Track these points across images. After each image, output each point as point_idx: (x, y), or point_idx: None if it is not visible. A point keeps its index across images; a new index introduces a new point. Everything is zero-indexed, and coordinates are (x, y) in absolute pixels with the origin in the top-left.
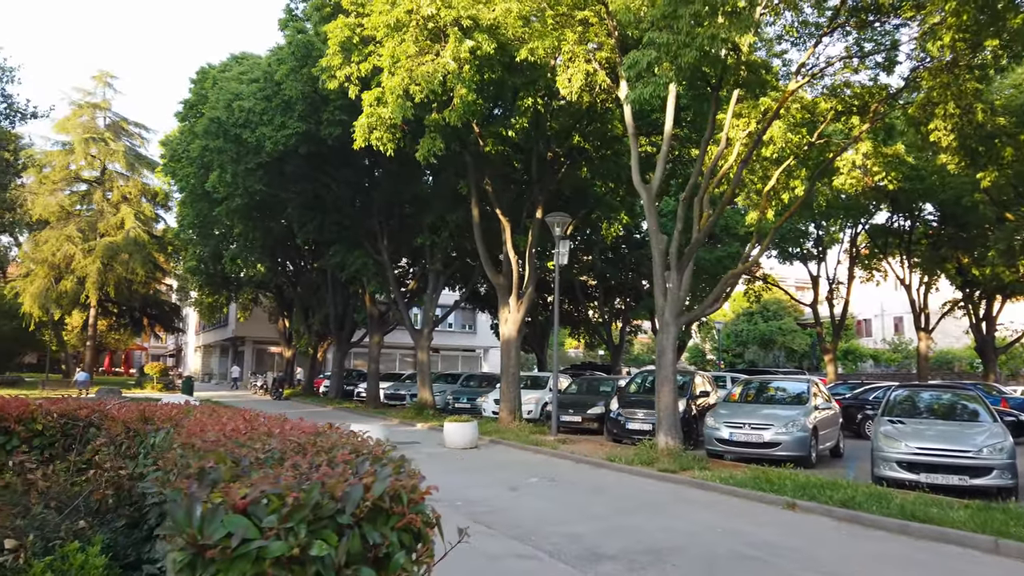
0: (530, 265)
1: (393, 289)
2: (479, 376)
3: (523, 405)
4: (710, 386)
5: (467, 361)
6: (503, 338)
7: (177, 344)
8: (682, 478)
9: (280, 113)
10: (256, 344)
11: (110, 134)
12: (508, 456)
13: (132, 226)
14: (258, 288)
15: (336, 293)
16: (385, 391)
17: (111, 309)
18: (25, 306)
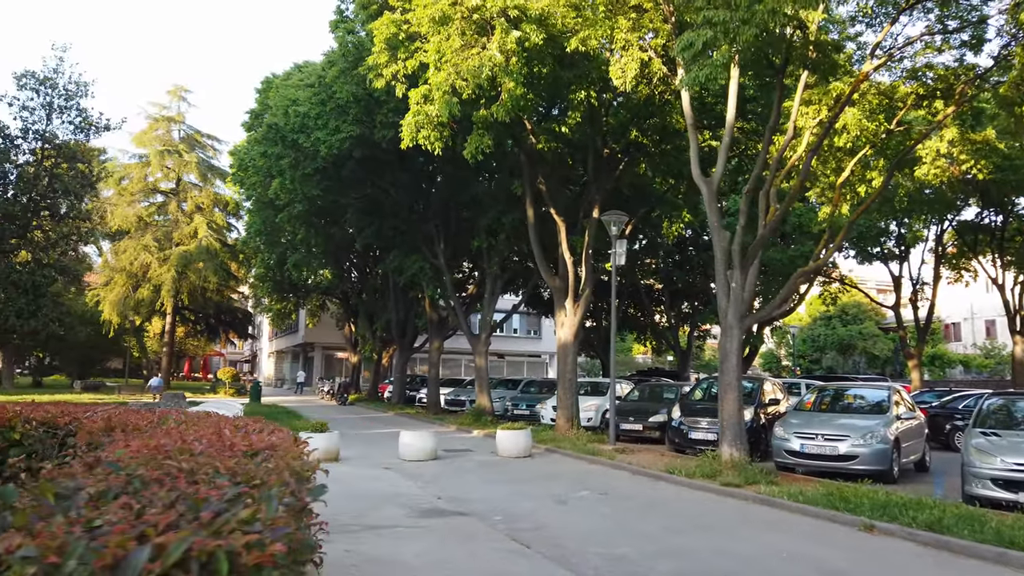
0: (586, 266)
1: (450, 293)
2: (539, 382)
3: (582, 412)
4: (780, 393)
5: (533, 367)
6: (559, 342)
7: (252, 350)
8: (746, 493)
9: (334, 117)
10: (325, 350)
11: (184, 146)
12: (561, 466)
13: (205, 235)
14: (324, 294)
15: (398, 299)
16: (446, 397)
17: (188, 316)
18: (105, 313)
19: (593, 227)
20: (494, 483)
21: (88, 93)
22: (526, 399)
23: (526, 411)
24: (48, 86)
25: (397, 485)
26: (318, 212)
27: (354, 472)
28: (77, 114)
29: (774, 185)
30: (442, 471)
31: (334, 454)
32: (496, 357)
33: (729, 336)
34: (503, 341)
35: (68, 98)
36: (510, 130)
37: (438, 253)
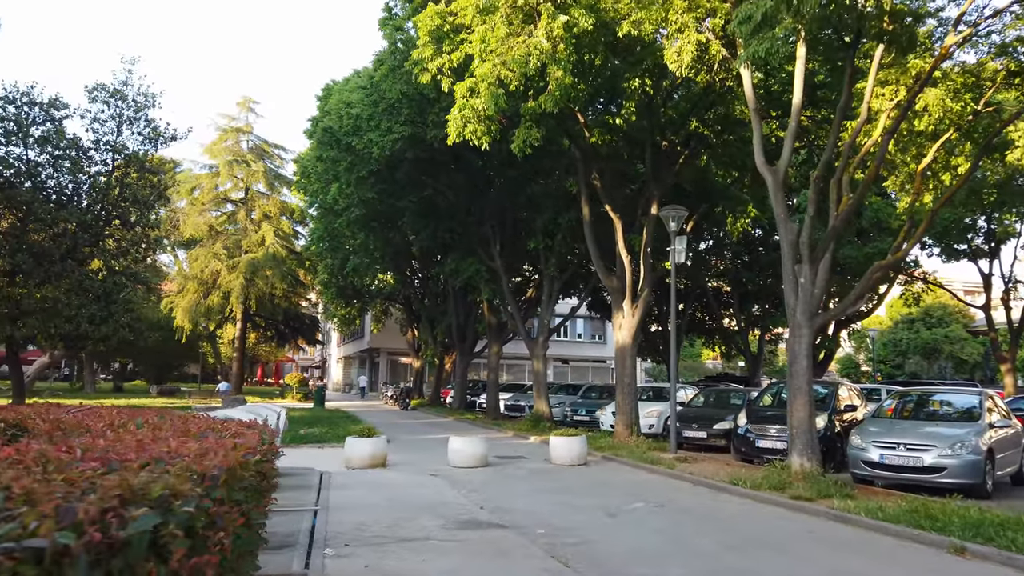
0: (645, 266)
1: (507, 295)
2: (601, 387)
3: (643, 419)
4: (858, 399)
5: (597, 372)
6: (617, 345)
7: (322, 356)
8: (818, 508)
9: (386, 117)
10: (390, 355)
11: (252, 156)
12: (617, 475)
13: (272, 242)
14: (388, 300)
15: (457, 303)
16: (505, 402)
17: (259, 323)
18: (178, 320)
19: (651, 224)
20: (542, 493)
21: (156, 104)
22: (586, 404)
23: (586, 417)
24: (118, 98)
25: (440, 493)
26: (375, 216)
27: (399, 479)
28: (145, 125)
29: (846, 173)
30: (490, 479)
31: (381, 460)
32: (560, 362)
33: (798, 336)
34: (567, 346)
35: (137, 109)
36: (562, 125)
37: (494, 255)
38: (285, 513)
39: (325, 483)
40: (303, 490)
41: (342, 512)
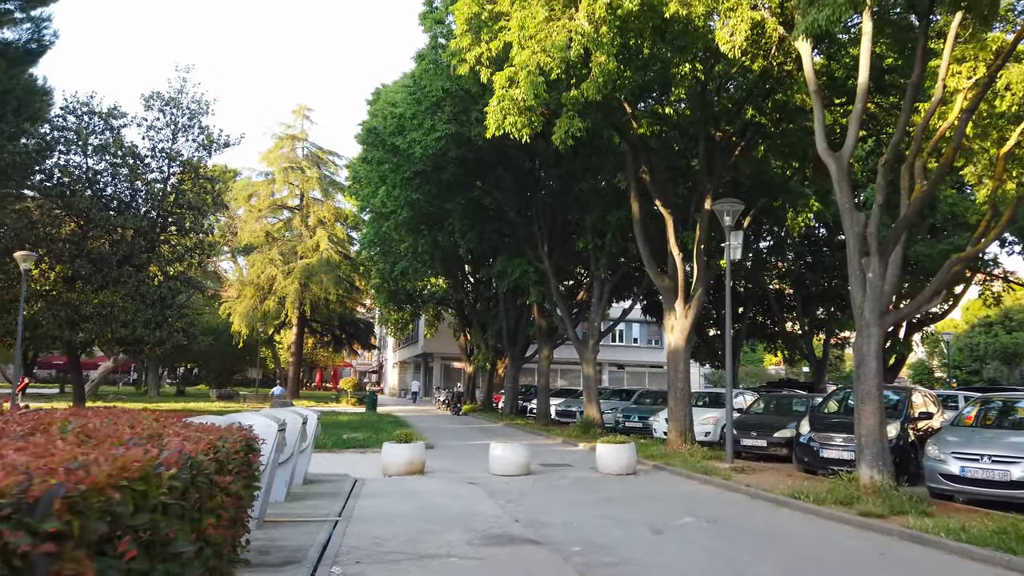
0: (698, 264)
1: (556, 297)
2: (655, 392)
3: (699, 426)
4: (933, 406)
5: (654, 378)
6: (669, 348)
7: (379, 361)
8: (891, 527)
9: (429, 115)
10: (443, 360)
11: (307, 163)
12: (667, 486)
13: (326, 248)
14: (440, 304)
15: (508, 307)
16: (556, 407)
17: (315, 328)
18: (235, 325)
19: (705, 220)
20: (584, 504)
21: (209, 111)
22: (639, 411)
23: (638, 423)
24: (173, 106)
25: (475, 503)
26: (423, 218)
27: (434, 487)
28: (200, 132)
29: (919, 158)
30: (530, 488)
31: (419, 466)
32: (616, 367)
33: (866, 336)
34: (623, 351)
35: (191, 117)
36: (608, 117)
37: (542, 256)
38: (303, 524)
39: (356, 491)
40: (331, 498)
41: (364, 523)
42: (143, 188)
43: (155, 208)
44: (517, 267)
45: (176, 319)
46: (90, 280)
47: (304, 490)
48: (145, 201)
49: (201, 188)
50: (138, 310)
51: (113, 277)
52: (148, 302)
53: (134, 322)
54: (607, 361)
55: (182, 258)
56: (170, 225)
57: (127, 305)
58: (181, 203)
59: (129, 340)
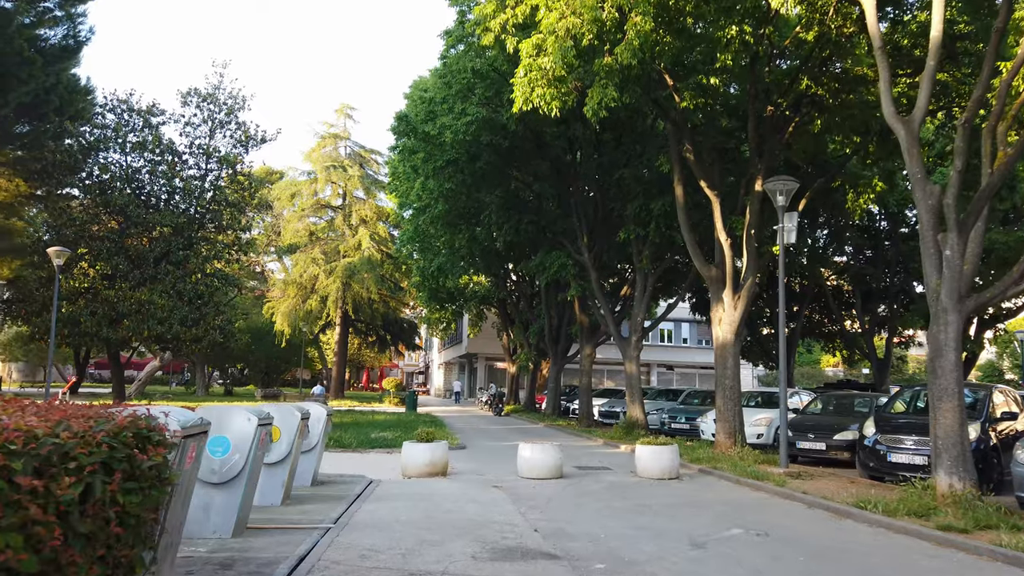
0: (748, 251)
1: (597, 291)
2: (703, 393)
3: (750, 427)
4: (1017, 406)
5: (705, 379)
6: (716, 343)
7: (426, 362)
8: (977, 544)
9: (459, 100)
10: (487, 360)
11: (349, 161)
12: (714, 492)
13: (367, 246)
14: (482, 303)
15: (550, 304)
16: (599, 408)
17: (360, 328)
18: (278, 324)
19: (756, 203)
20: (617, 513)
21: (246, 107)
22: (686, 411)
23: (685, 425)
24: (210, 102)
25: (493, 510)
26: (459, 212)
27: (452, 490)
28: (237, 128)
29: (1002, 121)
30: (559, 494)
31: (441, 468)
32: (665, 368)
33: (943, 324)
34: (672, 352)
35: (228, 112)
36: (647, 91)
37: (581, 248)
38: (290, 532)
39: (366, 494)
40: (335, 502)
41: (358, 532)
42: (180, 185)
43: (193, 205)
44: (555, 260)
45: (213, 317)
46: (128, 277)
47: (310, 492)
48: (183, 198)
49: (238, 184)
50: (175, 307)
51: (150, 274)
52: (185, 299)
53: (170, 319)
54: (656, 362)
55: (220, 255)
56: (208, 222)
57: (164, 302)
58: (219, 200)
59: (166, 337)
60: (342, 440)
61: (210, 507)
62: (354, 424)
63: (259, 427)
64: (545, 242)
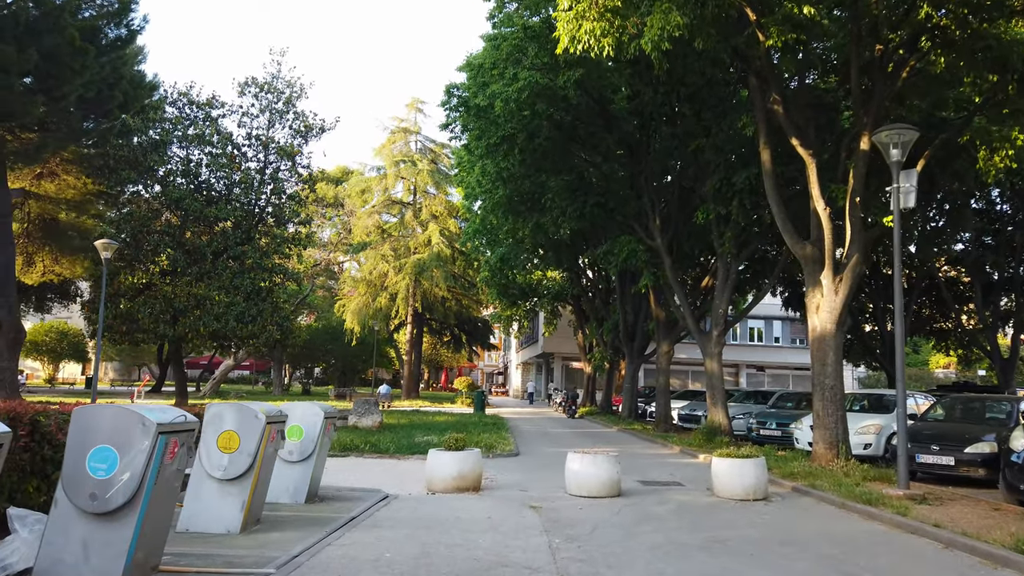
0: (852, 223)
1: (671, 279)
2: (798, 395)
3: (856, 436)
4: None
5: (799, 381)
6: (813, 335)
7: (504, 361)
8: None
9: (511, 63)
10: (564, 360)
11: (419, 156)
12: (813, 522)
13: (437, 242)
14: (555, 300)
15: (624, 298)
16: (679, 411)
17: (433, 326)
18: (348, 322)
19: (860, 165)
20: (682, 552)
21: (304, 95)
22: (778, 416)
23: (776, 431)
24: (267, 91)
25: (514, 544)
26: (520, 197)
27: (475, 513)
28: (295, 117)
29: None
30: (610, 519)
31: (472, 482)
32: (755, 369)
33: None
34: (763, 352)
35: (287, 102)
36: (724, 34)
37: (654, 232)
38: None
39: (362, 518)
40: (316, 528)
41: None
42: (237, 176)
43: (252, 198)
44: (625, 246)
45: (270, 313)
46: (186, 273)
47: (295, 513)
48: (242, 191)
49: (298, 176)
50: (232, 303)
51: (207, 269)
52: (242, 295)
53: (227, 315)
54: (744, 362)
55: (278, 250)
56: (268, 215)
57: (221, 298)
58: (278, 192)
59: (221, 334)
60: (379, 445)
61: (89, 546)
62: (407, 426)
63: (164, 436)
64: (614, 227)
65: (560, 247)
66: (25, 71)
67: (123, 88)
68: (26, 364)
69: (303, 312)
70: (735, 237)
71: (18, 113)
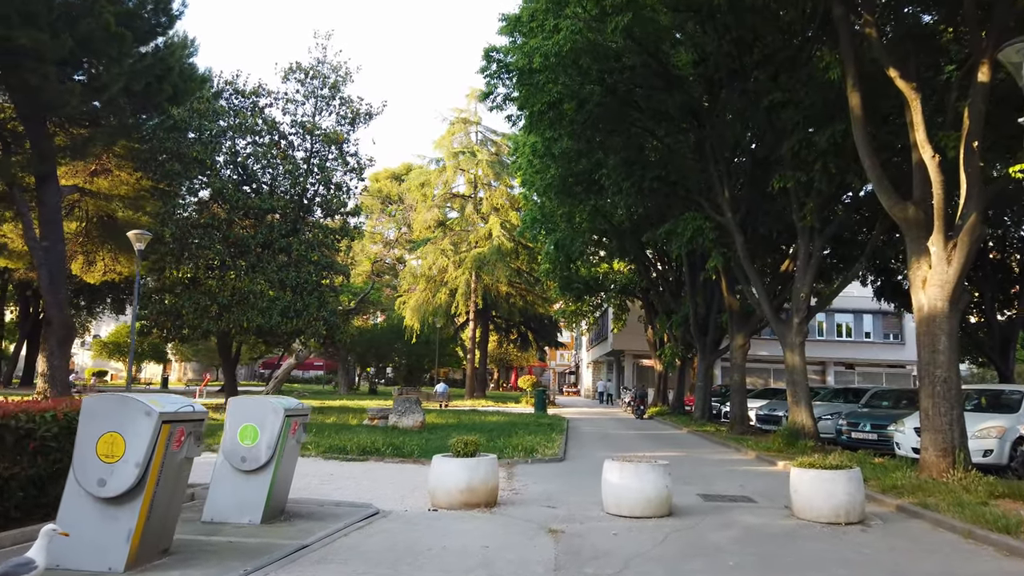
0: (968, 174)
1: (743, 260)
2: (895, 392)
3: (974, 440)
4: None
5: (893, 379)
6: (920, 314)
7: (576, 360)
8: None
9: (551, 14)
10: (634, 357)
11: (478, 147)
12: (932, 558)
13: (498, 235)
14: (622, 293)
15: (694, 288)
16: (757, 411)
17: (499, 324)
18: (407, 319)
19: (979, 100)
20: None
21: (350, 79)
22: (872, 416)
23: (871, 434)
24: (312, 76)
25: None
26: (574, 177)
27: (474, 539)
28: (341, 103)
29: None
30: (650, 551)
31: (485, 495)
32: (843, 367)
33: None
34: (852, 348)
35: (333, 87)
36: None
37: (723, 206)
38: None
39: (320, 544)
40: (239, 563)
41: None
42: (281, 164)
43: (298, 188)
44: (690, 223)
45: (317, 308)
46: (231, 266)
47: (234, 538)
48: (288, 181)
49: (345, 165)
50: (277, 297)
51: (252, 262)
52: (288, 288)
53: (271, 310)
54: (832, 359)
55: (325, 242)
56: (315, 206)
57: (265, 291)
58: (325, 182)
59: (265, 329)
60: (403, 447)
61: None
62: (452, 427)
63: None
64: (677, 204)
65: (624, 235)
66: (60, 58)
67: (173, 81)
68: (109, 365)
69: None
70: (818, 209)
71: (56, 104)
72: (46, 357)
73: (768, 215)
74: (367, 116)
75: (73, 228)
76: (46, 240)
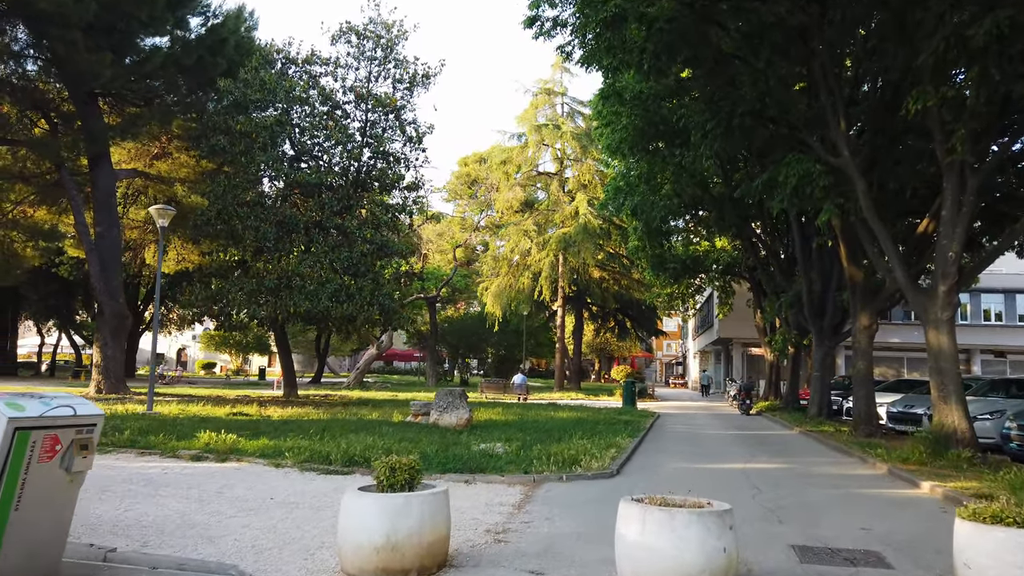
0: None
1: (866, 212)
2: None
3: None
4: None
5: None
6: None
7: (683, 350)
8: None
9: None
10: (743, 346)
11: (563, 120)
12: None
13: (584, 213)
14: (725, 274)
15: (807, 261)
16: (889, 409)
17: (593, 311)
18: (488, 305)
19: None
20: None
21: (405, 38)
22: None
23: None
24: (364, 38)
25: None
26: (651, 125)
27: None
28: (395, 66)
29: None
30: None
31: (417, 559)
32: (992, 355)
33: None
34: (1002, 333)
35: (387, 47)
36: None
37: (839, 143)
38: None
39: None
40: None
41: None
42: (333, 136)
43: (352, 161)
44: (794, 168)
45: (370, 291)
46: (278, 248)
47: None
48: (341, 154)
49: (403, 134)
50: (327, 280)
51: (301, 242)
52: (339, 271)
53: (319, 294)
54: (978, 347)
55: (384, 220)
56: (371, 181)
57: (312, 274)
58: (381, 153)
59: (313, 315)
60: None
61: None
62: (504, 425)
63: None
64: (778, 144)
65: (722, 203)
66: (86, 22)
67: (227, 54)
68: (219, 357)
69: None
70: (971, 137)
71: (88, 74)
72: (100, 348)
73: (898, 165)
74: (424, 78)
75: (142, 216)
76: (99, 225)
